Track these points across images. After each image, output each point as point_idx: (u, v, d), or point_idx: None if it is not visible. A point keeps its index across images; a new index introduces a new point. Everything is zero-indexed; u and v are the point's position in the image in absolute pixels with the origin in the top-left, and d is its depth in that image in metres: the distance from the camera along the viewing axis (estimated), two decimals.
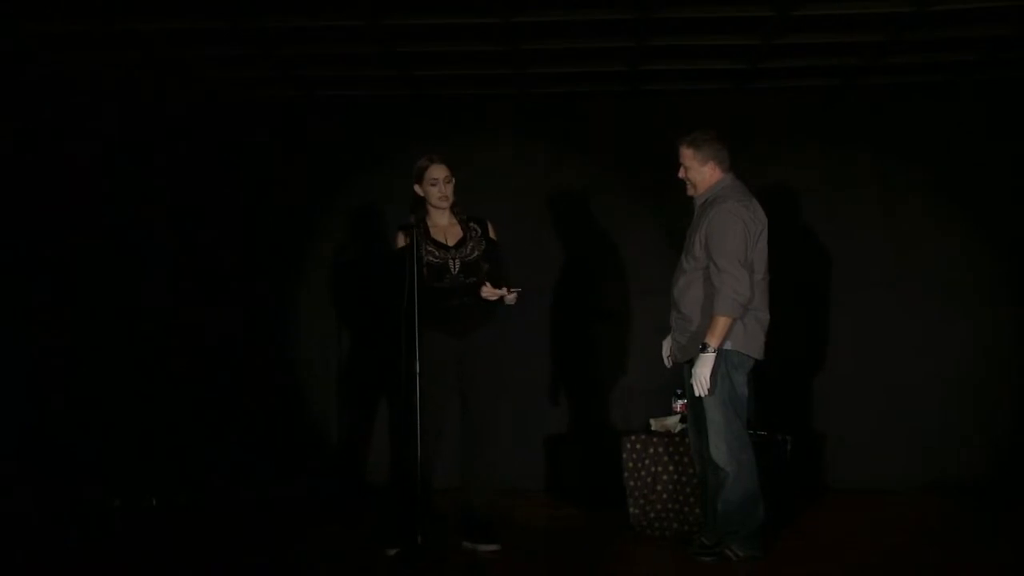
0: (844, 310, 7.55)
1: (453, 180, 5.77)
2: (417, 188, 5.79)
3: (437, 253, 5.76)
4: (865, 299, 7.52)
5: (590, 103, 7.71)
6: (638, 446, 6.32)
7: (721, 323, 5.46)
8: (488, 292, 5.71)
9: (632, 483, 6.29)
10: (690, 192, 5.77)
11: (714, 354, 5.45)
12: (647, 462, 6.28)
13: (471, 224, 5.85)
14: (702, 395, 5.49)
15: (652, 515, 6.24)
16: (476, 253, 5.79)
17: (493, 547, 5.77)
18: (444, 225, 5.83)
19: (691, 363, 5.57)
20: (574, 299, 7.71)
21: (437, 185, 5.74)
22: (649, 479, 6.26)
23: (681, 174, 5.75)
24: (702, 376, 5.45)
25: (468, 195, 7.46)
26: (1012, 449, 7.37)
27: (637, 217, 7.66)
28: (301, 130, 7.78)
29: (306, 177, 7.75)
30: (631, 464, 6.31)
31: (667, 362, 5.88)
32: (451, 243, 5.77)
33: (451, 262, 5.73)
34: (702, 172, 5.68)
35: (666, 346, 5.85)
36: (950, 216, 7.55)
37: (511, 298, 5.76)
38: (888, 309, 7.53)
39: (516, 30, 6.40)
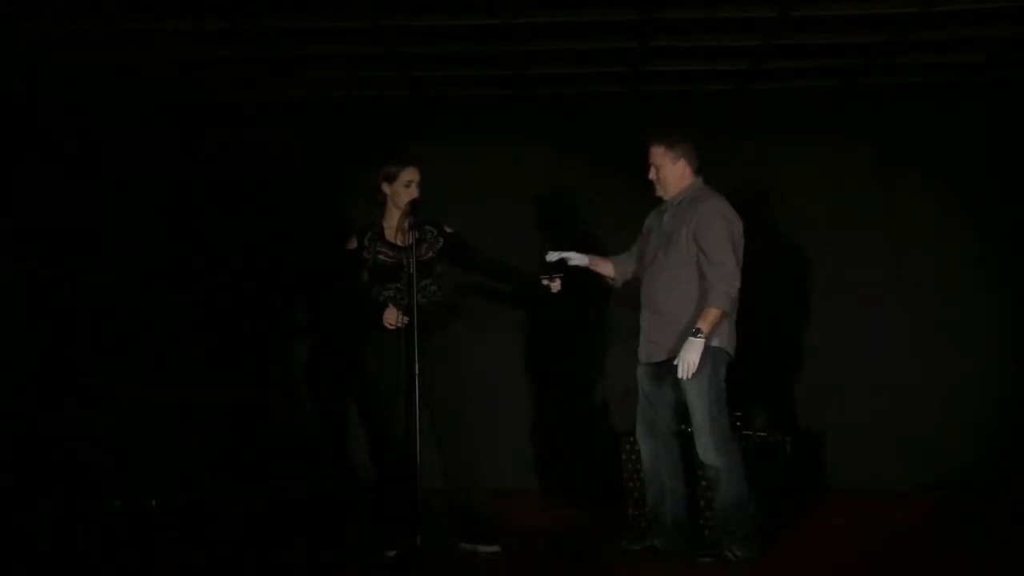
0: (843, 310, 7.53)
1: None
2: (385, 187, 5.81)
3: (391, 253, 5.77)
4: (865, 299, 7.51)
5: (591, 104, 7.70)
6: (637, 447, 6.31)
7: (713, 315, 5.49)
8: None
9: (631, 484, 6.29)
10: (659, 193, 5.81)
11: (703, 340, 5.45)
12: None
13: (426, 227, 5.83)
14: (686, 378, 5.48)
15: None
16: (430, 254, 5.81)
17: (493, 548, 5.78)
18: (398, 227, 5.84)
19: (660, 364, 5.60)
20: (573, 299, 7.70)
21: (411, 187, 5.77)
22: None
23: (652, 175, 5.79)
24: (690, 360, 5.45)
25: (468, 195, 7.55)
26: (1011, 449, 7.36)
27: (637, 217, 7.58)
28: (301, 130, 7.77)
29: (306, 177, 7.74)
30: (630, 465, 6.30)
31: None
32: (406, 244, 5.76)
33: (407, 262, 5.70)
34: (675, 171, 5.74)
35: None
36: (950, 216, 7.54)
37: (556, 286, 5.86)
38: (888, 309, 7.52)
39: (516, 31, 6.40)
